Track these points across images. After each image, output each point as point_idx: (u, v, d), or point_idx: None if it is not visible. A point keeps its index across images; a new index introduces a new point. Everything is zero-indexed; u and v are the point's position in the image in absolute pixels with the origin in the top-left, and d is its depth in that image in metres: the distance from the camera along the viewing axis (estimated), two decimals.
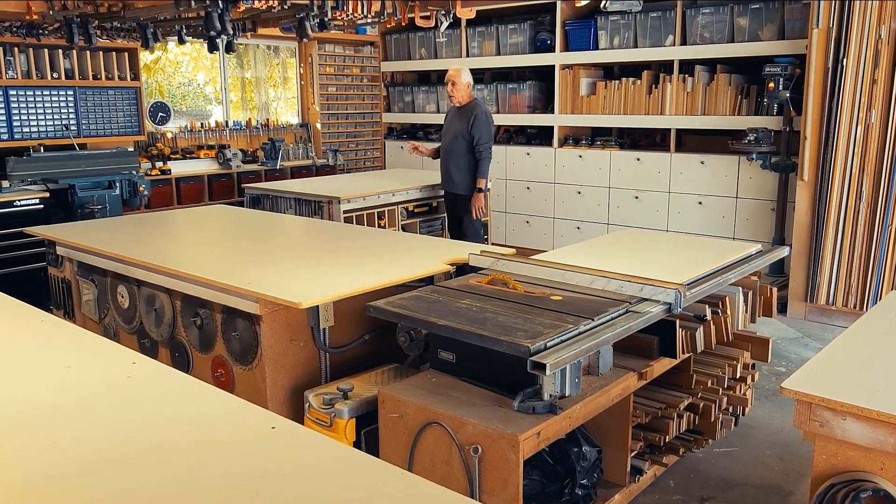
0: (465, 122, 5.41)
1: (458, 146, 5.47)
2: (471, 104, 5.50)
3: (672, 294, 2.62)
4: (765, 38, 5.60)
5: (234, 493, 1.32)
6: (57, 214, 5.56)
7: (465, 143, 5.42)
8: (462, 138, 5.43)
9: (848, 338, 2.28)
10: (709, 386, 3.08)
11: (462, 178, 5.52)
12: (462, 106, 5.50)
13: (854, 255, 4.99)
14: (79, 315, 3.94)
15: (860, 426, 1.78)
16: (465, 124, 5.41)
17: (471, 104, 5.50)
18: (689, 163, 6.07)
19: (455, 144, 5.48)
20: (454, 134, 5.50)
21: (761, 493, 3.06)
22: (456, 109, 5.56)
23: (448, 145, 5.57)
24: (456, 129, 5.48)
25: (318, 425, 2.63)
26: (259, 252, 3.53)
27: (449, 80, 5.49)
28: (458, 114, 5.53)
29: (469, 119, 5.39)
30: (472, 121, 5.37)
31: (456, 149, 5.48)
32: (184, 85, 8.58)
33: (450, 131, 5.58)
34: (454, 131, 5.51)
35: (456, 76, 5.47)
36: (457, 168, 5.51)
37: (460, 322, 2.40)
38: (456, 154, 5.49)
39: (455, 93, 5.48)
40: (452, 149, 5.52)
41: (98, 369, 1.93)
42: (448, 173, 5.59)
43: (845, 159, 4.95)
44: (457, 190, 5.56)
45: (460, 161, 5.48)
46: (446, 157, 5.60)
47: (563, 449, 2.65)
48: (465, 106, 5.48)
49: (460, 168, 5.50)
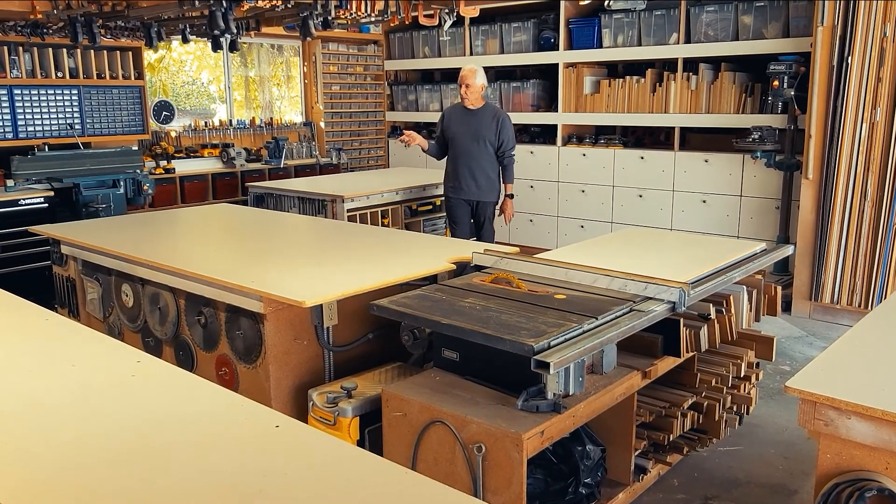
0: (489, 127, 5.20)
1: (484, 151, 5.23)
2: (490, 108, 5.31)
3: (676, 293, 2.61)
4: (769, 36, 5.58)
5: (237, 491, 1.32)
6: (61, 213, 5.57)
7: (491, 148, 5.22)
8: (489, 143, 5.21)
9: (853, 336, 2.27)
10: (713, 385, 3.08)
11: (490, 185, 5.30)
12: (477, 109, 5.25)
13: (859, 253, 4.97)
14: (83, 314, 3.95)
15: (865, 425, 1.78)
16: (489, 128, 5.20)
17: (490, 108, 5.31)
18: (693, 161, 6.05)
19: (480, 149, 5.23)
20: (477, 138, 5.23)
21: (766, 492, 3.06)
22: (466, 111, 5.27)
23: (469, 150, 5.26)
24: (478, 132, 5.22)
25: (322, 424, 2.63)
26: (263, 251, 3.53)
27: (462, 81, 5.21)
28: (472, 116, 5.26)
29: (495, 124, 5.20)
30: (500, 126, 5.19)
31: (481, 154, 5.24)
32: (188, 84, 8.59)
33: (466, 134, 5.26)
34: (475, 135, 5.23)
35: (470, 77, 5.19)
36: (483, 174, 5.27)
37: (464, 321, 2.40)
38: (482, 160, 5.24)
39: (469, 95, 5.22)
40: (476, 154, 5.24)
41: (102, 368, 1.94)
42: (472, 180, 5.29)
43: (850, 157, 4.93)
44: (484, 197, 5.32)
45: (487, 167, 5.27)
46: (468, 163, 5.28)
47: (566, 448, 2.65)
48: (482, 109, 5.26)
49: (487, 174, 5.28)
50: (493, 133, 5.18)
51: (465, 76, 5.19)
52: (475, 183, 5.28)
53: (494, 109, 5.28)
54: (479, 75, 5.20)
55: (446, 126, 5.39)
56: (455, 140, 5.32)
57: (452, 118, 5.36)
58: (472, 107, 5.23)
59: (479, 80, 5.19)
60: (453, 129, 5.33)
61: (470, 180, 5.29)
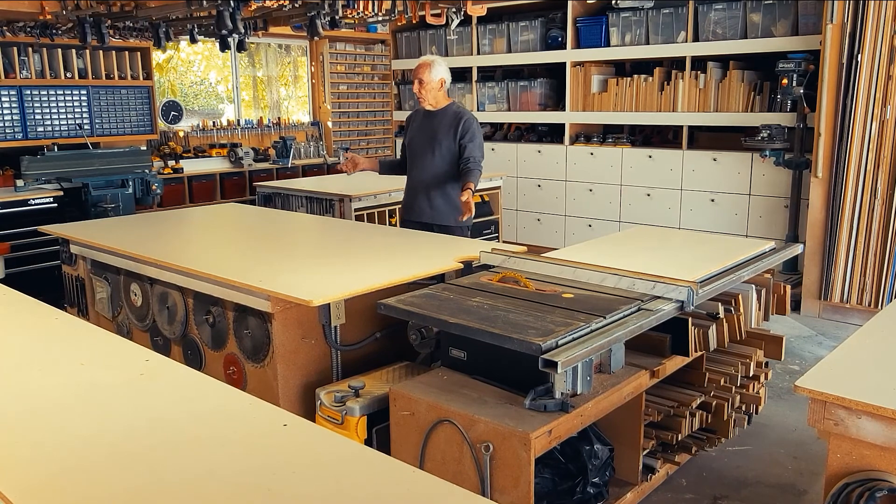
0: (447, 132, 4.07)
1: (440, 162, 4.09)
2: (453, 108, 4.15)
3: (684, 292, 2.60)
4: (778, 34, 5.55)
5: (245, 489, 1.33)
6: (71, 213, 5.60)
7: (450, 157, 4.08)
8: (446, 152, 4.07)
9: (863, 336, 2.25)
10: (722, 384, 3.07)
11: (449, 206, 4.10)
12: (437, 110, 4.14)
13: (869, 252, 4.94)
14: (92, 313, 3.97)
15: (875, 425, 1.77)
16: (448, 134, 4.06)
17: (453, 108, 4.15)
18: (701, 160, 6.03)
19: (436, 160, 4.09)
20: (433, 146, 4.10)
21: (775, 492, 3.04)
22: (427, 113, 4.19)
23: (422, 161, 4.15)
24: (434, 139, 4.11)
25: (330, 423, 2.64)
26: (271, 250, 3.54)
27: (415, 76, 4.13)
28: (431, 120, 4.15)
29: (455, 128, 4.05)
30: (462, 129, 4.04)
31: (436, 166, 4.10)
32: (196, 84, 8.62)
33: (421, 142, 4.18)
34: (430, 142, 4.12)
35: (423, 72, 4.08)
36: (439, 191, 4.12)
37: (471, 320, 2.40)
38: (438, 173, 4.10)
39: (424, 94, 4.10)
40: (429, 166, 4.12)
41: (111, 367, 1.95)
42: (426, 198, 4.15)
43: (860, 156, 4.90)
44: (439, 220, 4.12)
45: (445, 183, 4.10)
46: (420, 176, 4.18)
47: (574, 447, 2.64)
48: (443, 110, 4.14)
49: (445, 192, 4.11)
50: (453, 139, 4.05)
51: (418, 70, 4.12)
52: (428, 202, 4.15)
53: (458, 111, 4.14)
54: (437, 68, 4.08)
55: (406, 132, 4.37)
56: (410, 148, 4.29)
57: (413, 123, 4.32)
58: (431, 108, 4.14)
59: (437, 75, 4.08)
60: (409, 135, 4.31)
61: (423, 199, 4.17)
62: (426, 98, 4.11)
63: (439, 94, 4.12)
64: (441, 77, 4.08)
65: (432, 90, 4.09)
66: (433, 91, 4.09)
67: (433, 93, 4.10)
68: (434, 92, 4.09)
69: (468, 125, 4.05)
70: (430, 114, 4.17)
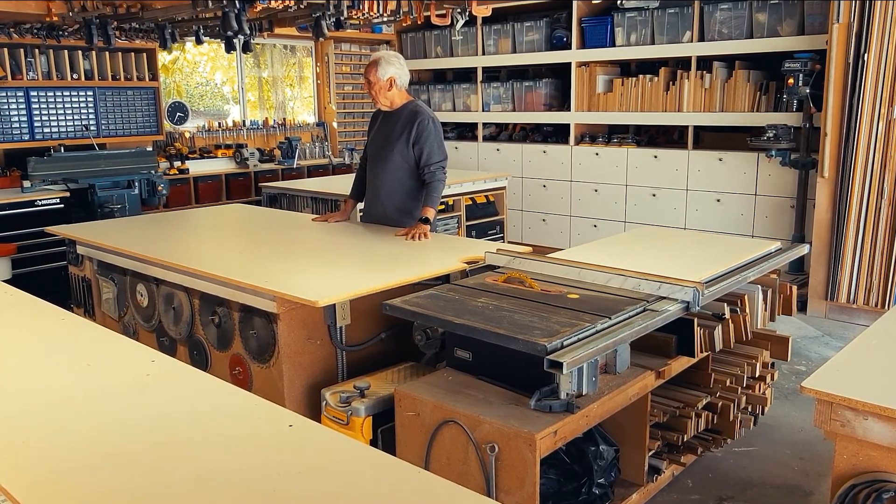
0: (400, 132, 3.81)
1: (395, 165, 3.84)
2: (410, 108, 3.86)
3: (690, 292, 2.60)
4: (784, 34, 5.54)
5: (251, 489, 1.33)
6: (77, 214, 5.63)
7: (404, 163, 3.82)
8: (399, 155, 3.81)
9: (869, 336, 2.25)
10: (727, 385, 3.06)
11: (405, 212, 3.88)
12: (394, 110, 3.88)
13: (875, 252, 4.92)
14: (98, 313, 3.98)
15: (882, 426, 1.76)
16: (402, 139, 3.80)
17: (410, 108, 3.86)
18: (707, 160, 6.02)
19: (390, 163, 3.85)
20: (387, 147, 3.86)
21: (781, 493, 3.03)
22: (386, 115, 3.93)
23: (377, 164, 3.92)
24: (388, 140, 3.86)
25: (335, 423, 2.64)
26: (276, 251, 3.55)
27: (364, 76, 3.88)
28: (387, 120, 3.91)
29: (409, 129, 3.78)
30: (415, 134, 3.77)
31: (390, 169, 3.85)
32: (201, 85, 8.64)
33: (377, 144, 3.94)
34: (385, 143, 3.88)
35: (370, 71, 3.80)
36: (392, 197, 3.90)
37: (477, 320, 2.40)
38: (393, 176, 3.86)
39: (374, 94, 3.84)
40: (382, 170, 3.89)
41: (117, 367, 1.95)
42: (380, 204, 3.96)
43: (866, 156, 4.88)
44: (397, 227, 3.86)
45: (401, 187, 3.87)
46: (375, 181, 3.95)
47: (580, 448, 2.64)
48: (399, 111, 3.87)
49: (401, 197, 3.89)
50: (406, 143, 3.79)
51: (366, 69, 3.87)
52: (382, 208, 3.95)
53: (415, 110, 3.84)
54: (384, 66, 3.78)
55: (369, 132, 4.10)
56: (369, 151, 4.05)
57: (374, 123, 4.05)
58: (386, 108, 3.89)
59: (385, 73, 3.78)
60: (371, 136, 4.05)
61: (377, 204, 3.98)
62: (378, 99, 3.85)
63: (391, 94, 3.83)
64: (390, 76, 3.78)
65: (381, 90, 3.81)
66: (383, 91, 3.81)
67: (383, 93, 3.82)
68: (384, 92, 3.81)
69: (422, 126, 3.78)
70: (388, 115, 3.92)
